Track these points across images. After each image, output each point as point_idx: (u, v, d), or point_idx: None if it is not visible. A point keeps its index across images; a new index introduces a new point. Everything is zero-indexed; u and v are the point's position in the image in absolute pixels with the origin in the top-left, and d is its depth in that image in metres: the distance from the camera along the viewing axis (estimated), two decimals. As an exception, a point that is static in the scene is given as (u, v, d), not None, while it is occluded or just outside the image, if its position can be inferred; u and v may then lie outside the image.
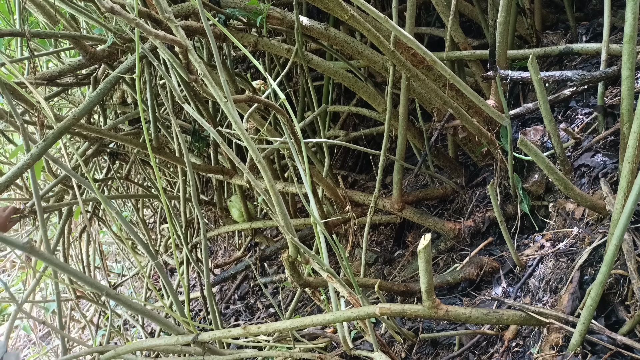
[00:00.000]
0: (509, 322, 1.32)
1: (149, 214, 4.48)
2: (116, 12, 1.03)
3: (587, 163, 1.62)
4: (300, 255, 1.37)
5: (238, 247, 3.55)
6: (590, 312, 1.15)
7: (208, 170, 2.61)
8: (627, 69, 1.25)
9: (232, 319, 3.06)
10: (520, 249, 1.79)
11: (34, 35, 1.75)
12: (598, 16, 2.19)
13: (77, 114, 1.49)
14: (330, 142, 2.23)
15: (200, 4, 1.19)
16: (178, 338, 1.27)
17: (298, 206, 3.06)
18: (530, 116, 2.00)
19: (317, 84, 2.78)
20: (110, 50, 1.92)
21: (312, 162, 2.47)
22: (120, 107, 2.95)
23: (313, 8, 2.68)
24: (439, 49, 2.24)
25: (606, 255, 1.12)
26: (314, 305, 2.52)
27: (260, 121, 2.04)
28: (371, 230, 2.59)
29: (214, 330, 1.28)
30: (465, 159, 2.40)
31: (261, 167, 1.22)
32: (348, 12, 1.62)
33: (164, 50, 1.28)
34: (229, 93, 1.19)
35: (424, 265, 1.09)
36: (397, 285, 1.88)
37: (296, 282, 1.46)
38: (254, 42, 1.83)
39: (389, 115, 1.90)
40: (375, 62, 1.88)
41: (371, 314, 1.18)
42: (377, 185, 1.99)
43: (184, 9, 1.78)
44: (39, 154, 1.40)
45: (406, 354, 1.79)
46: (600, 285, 1.13)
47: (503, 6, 1.68)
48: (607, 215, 1.42)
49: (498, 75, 1.72)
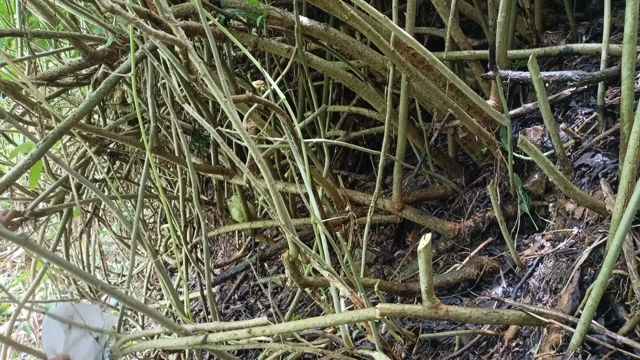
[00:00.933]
0: (509, 322, 1.32)
1: (149, 214, 4.48)
2: (116, 12, 1.03)
3: (587, 163, 1.62)
4: (301, 254, 1.37)
5: (238, 247, 3.55)
6: (591, 312, 1.15)
7: (208, 170, 2.61)
8: (627, 69, 1.25)
9: (232, 319, 3.06)
10: (520, 249, 1.79)
11: (34, 35, 1.75)
12: (598, 16, 2.19)
13: (77, 114, 1.49)
14: (330, 142, 2.23)
15: (200, 4, 1.19)
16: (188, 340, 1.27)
17: (298, 206, 3.06)
18: (530, 116, 2.00)
19: (317, 84, 2.78)
20: (110, 50, 1.92)
21: (312, 162, 2.47)
22: (120, 107, 2.95)
23: (313, 8, 2.68)
24: (439, 49, 2.24)
25: (607, 255, 1.12)
26: (314, 305, 2.52)
27: (260, 121, 2.04)
28: (371, 230, 2.59)
29: (220, 332, 1.29)
30: (465, 159, 2.40)
31: (261, 167, 1.22)
32: (348, 12, 1.62)
33: (164, 50, 1.28)
34: (229, 93, 1.19)
35: (424, 265, 1.09)
36: (397, 285, 1.88)
37: (296, 281, 1.46)
38: (254, 42, 1.83)
39: (389, 115, 1.90)
40: (375, 62, 1.88)
41: (371, 316, 1.18)
42: (377, 185, 1.99)
43: (184, 9, 1.78)
44: (39, 154, 1.40)
45: (406, 354, 1.79)
46: (601, 285, 1.13)
47: (503, 6, 1.68)
48: (607, 215, 1.42)
49: (498, 75, 1.72)
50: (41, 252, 0.98)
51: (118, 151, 2.73)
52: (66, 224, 2.65)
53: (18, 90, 1.69)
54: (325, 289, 1.64)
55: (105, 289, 1.09)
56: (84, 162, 2.77)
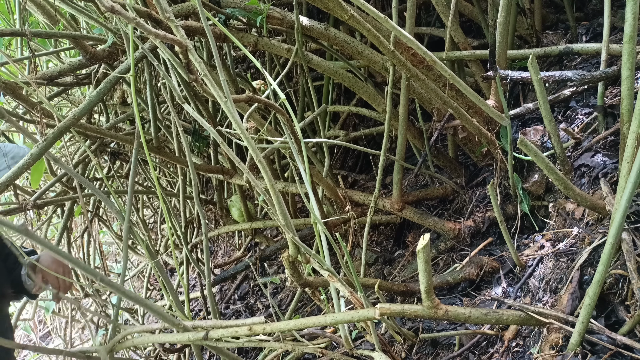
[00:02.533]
0: (508, 322, 1.32)
1: (149, 214, 4.48)
2: (116, 11, 1.03)
3: (587, 163, 1.62)
4: (301, 254, 1.37)
5: (238, 247, 3.55)
6: (589, 311, 1.15)
7: (208, 170, 2.61)
8: (627, 69, 1.25)
9: (232, 318, 3.06)
10: (520, 249, 1.79)
11: (34, 35, 1.75)
12: (598, 16, 2.20)
13: (77, 113, 1.49)
14: (330, 142, 2.23)
15: (200, 3, 1.19)
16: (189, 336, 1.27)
17: (298, 206, 3.06)
18: (530, 116, 2.00)
19: (317, 84, 2.78)
20: (110, 50, 1.92)
21: (312, 162, 2.48)
22: (120, 107, 2.96)
23: (313, 8, 2.68)
24: (439, 49, 2.24)
25: (603, 253, 1.12)
26: (314, 305, 2.52)
27: (260, 121, 2.04)
28: (371, 230, 2.59)
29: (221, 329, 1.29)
30: (465, 159, 2.41)
31: (261, 166, 1.22)
32: (348, 12, 1.62)
33: (164, 50, 1.28)
34: (229, 93, 1.19)
35: (423, 265, 1.09)
36: (397, 285, 1.88)
37: (296, 281, 1.46)
38: (254, 42, 1.83)
39: (389, 115, 1.90)
40: (375, 62, 1.88)
41: (371, 316, 1.18)
42: (377, 185, 1.99)
43: (184, 9, 1.78)
44: (39, 153, 1.40)
45: (406, 354, 1.79)
46: (598, 284, 1.13)
47: (503, 6, 1.68)
48: (607, 216, 1.42)
49: (498, 75, 1.72)
50: (42, 242, 0.98)
51: (119, 150, 2.73)
52: (67, 223, 2.65)
53: (18, 90, 1.69)
54: (325, 289, 1.64)
55: (104, 281, 1.09)
56: (85, 161, 2.77)
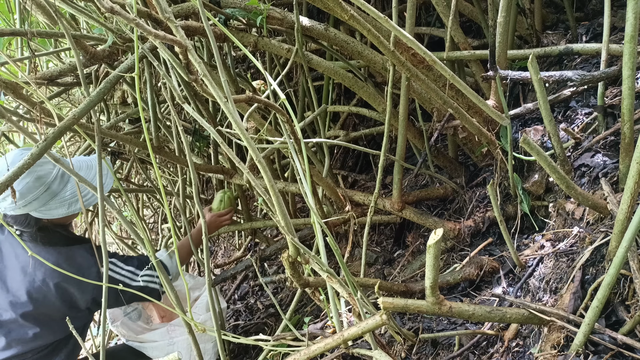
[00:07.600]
0: (512, 320, 1.32)
1: (149, 214, 4.48)
2: (116, 12, 1.03)
3: (587, 163, 1.62)
4: (300, 255, 1.37)
5: (238, 247, 3.55)
6: (596, 313, 1.14)
7: (208, 170, 2.61)
8: (628, 69, 1.25)
9: (232, 319, 3.06)
10: (520, 249, 1.79)
11: (34, 35, 1.75)
12: (598, 16, 2.20)
13: (77, 113, 1.49)
14: (330, 142, 2.23)
15: (201, 4, 1.19)
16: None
17: (298, 206, 3.06)
18: (530, 116, 2.00)
19: (317, 84, 2.78)
20: (110, 50, 1.92)
21: (312, 162, 2.47)
22: (120, 107, 2.96)
23: (313, 8, 2.68)
24: (439, 49, 2.24)
25: (615, 257, 1.11)
26: (314, 305, 2.52)
27: (260, 121, 2.04)
28: (371, 230, 2.59)
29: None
30: (465, 159, 2.41)
31: (261, 166, 1.22)
32: (348, 12, 1.62)
33: (164, 50, 1.27)
34: (229, 93, 1.19)
35: (432, 260, 1.07)
36: (397, 285, 1.88)
37: (296, 282, 1.46)
38: (254, 42, 1.83)
39: (389, 115, 1.90)
40: (375, 62, 1.88)
41: (378, 323, 1.17)
42: (377, 185, 1.99)
43: (184, 9, 1.78)
44: (40, 153, 1.39)
45: (406, 354, 1.78)
46: (608, 287, 1.12)
47: (503, 6, 1.68)
48: (607, 215, 1.42)
49: (498, 75, 1.72)
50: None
51: (119, 150, 2.73)
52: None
53: (19, 90, 1.68)
54: (325, 289, 1.64)
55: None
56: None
